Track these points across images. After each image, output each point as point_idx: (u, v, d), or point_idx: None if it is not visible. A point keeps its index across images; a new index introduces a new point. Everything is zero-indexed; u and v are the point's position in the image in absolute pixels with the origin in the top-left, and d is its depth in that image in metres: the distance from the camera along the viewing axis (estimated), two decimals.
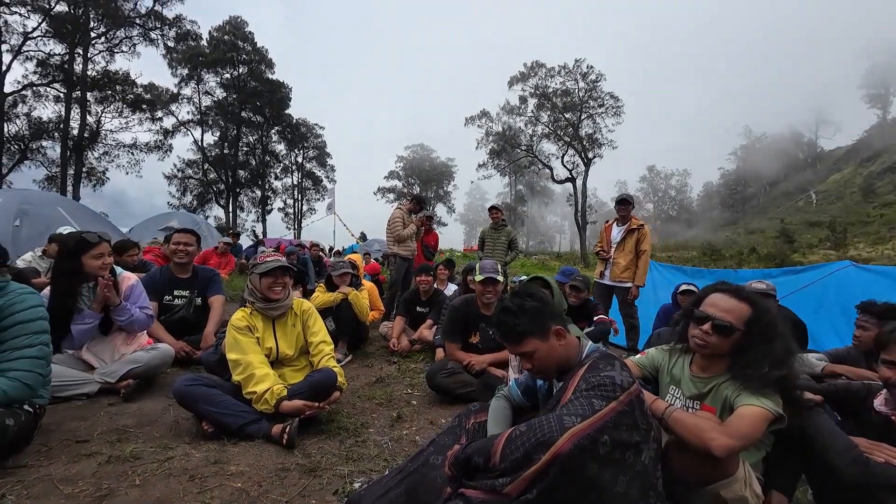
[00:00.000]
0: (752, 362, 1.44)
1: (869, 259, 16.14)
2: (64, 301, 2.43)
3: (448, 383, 2.82)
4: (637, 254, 4.53)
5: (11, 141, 21.97)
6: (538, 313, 1.48)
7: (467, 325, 3.13)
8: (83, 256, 2.45)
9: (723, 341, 1.51)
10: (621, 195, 4.82)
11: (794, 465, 1.57)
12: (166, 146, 28.38)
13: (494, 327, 1.59)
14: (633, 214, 4.74)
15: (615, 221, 4.82)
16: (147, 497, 1.54)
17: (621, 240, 4.63)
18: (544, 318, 1.48)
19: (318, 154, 39.06)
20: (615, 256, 4.65)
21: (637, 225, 4.61)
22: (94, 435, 2.04)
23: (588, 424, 1.13)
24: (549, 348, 1.46)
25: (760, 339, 1.46)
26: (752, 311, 1.50)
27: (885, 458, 1.42)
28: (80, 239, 2.47)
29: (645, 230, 4.60)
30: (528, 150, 32.09)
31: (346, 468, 1.84)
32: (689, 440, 1.31)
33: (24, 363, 1.73)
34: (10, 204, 6.93)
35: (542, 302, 1.52)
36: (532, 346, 1.45)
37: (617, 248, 4.65)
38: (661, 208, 63.94)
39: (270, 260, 2.33)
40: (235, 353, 2.19)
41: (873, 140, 46.87)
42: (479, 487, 1.16)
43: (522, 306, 1.48)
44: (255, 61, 32.55)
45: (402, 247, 5.28)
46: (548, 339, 1.47)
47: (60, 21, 21.71)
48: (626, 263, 4.54)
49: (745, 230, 37.42)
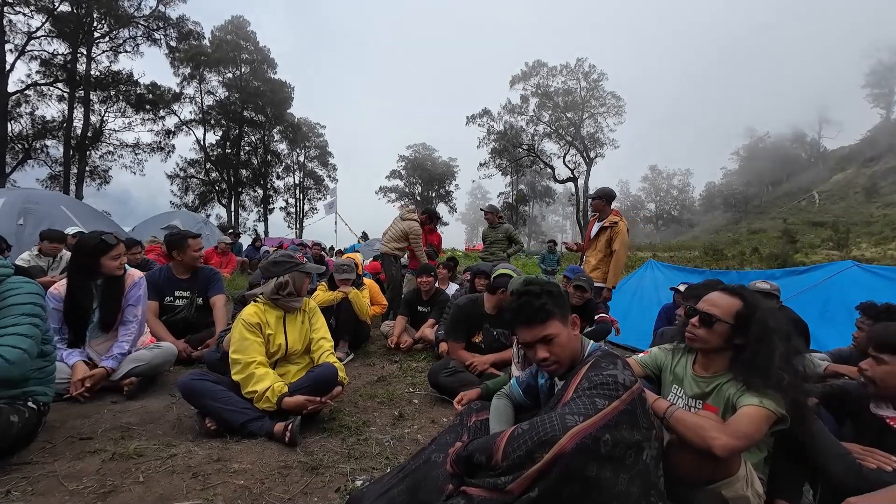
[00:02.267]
0: (751, 361, 1.44)
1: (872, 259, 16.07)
2: (80, 299, 2.48)
3: (450, 382, 2.83)
4: (609, 253, 4.18)
5: (15, 140, 22.04)
6: (560, 297, 1.48)
7: (471, 325, 3.13)
8: (102, 258, 2.52)
9: (710, 334, 1.53)
10: (596, 190, 4.52)
11: (798, 473, 1.57)
12: (169, 146, 28.45)
13: (516, 309, 1.46)
14: (614, 209, 4.36)
15: (596, 218, 4.49)
16: (150, 494, 1.55)
17: (594, 237, 4.32)
18: (566, 302, 1.48)
19: (320, 153, 39.14)
20: (587, 255, 4.40)
21: (611, 222, 4.20)
22: (97, 432, 2.05)
23: (590, 424, 1.13)
24: (568, 335, 1.45)
25: (756, 336, 1.45)
26: (742, 305, 1.51)
27: (877, 463, 1.43)
28: (101, 241, 2.53)
29: (618, 228, 4.16)
30: (529, 149, 32.06)
31: (348, 466, 1.84)
32: (690, 440, 1.31)
33: (7, 339, 1.69)
34: (14, 203, 6.96)
35: (559, 289, 1.52)
36: (555, 330, 1.43)
37: (590, 246, 4.39)
38: (662, 208, 63.75)
39: (311, 266, 2.57)
40: (237, 353, 2.20)
41: (877, 140, 46.68)
42: (481, 485, 1.16)
43: (547, 288, 1.47)
44: (257, 61, 32.65)
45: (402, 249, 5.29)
46: (567, 326, 1.46)
47: (64, 21, 21.79)
48: (596, 263, 4.24)
49: (747, 230, 37.28)
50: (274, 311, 2.39)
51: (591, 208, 4.52)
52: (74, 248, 2.62)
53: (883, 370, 1.54)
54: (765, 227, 36.51)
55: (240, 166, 32.65)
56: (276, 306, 2.40)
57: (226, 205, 32.03)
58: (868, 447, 1.50)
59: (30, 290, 1.84)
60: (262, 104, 32.63)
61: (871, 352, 1.60)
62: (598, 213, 4.39)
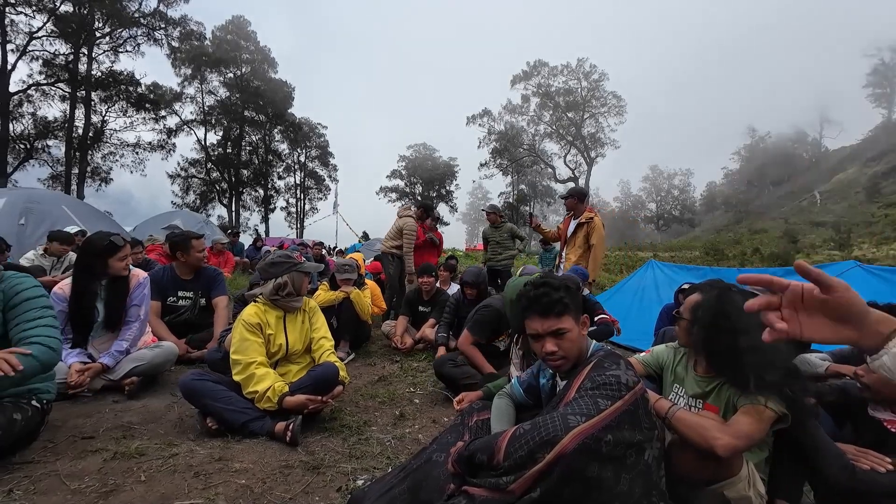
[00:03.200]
0: (720, 359, 1.46)
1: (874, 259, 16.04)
2: (85, 299, 2.50)
3: (456, 374, 2.85)
4: (587, 248, 4.34)
5: (17, 140, 22.11)
6: (576, 294, 1.49)
7: (500, 327, 3.07)
8: (110, 259, 2.56)
9: (679, 331, 1.61)
10: (567, 190, 4.69)
11: (799, 472, 1.57)
12: (170, 145, 28.54)
13: (533, 299, 1.46)
14: (588, 206, 4.53)
15: (571, 216, 4.67)
16: (152, 493, 1.56)
17: (572, 234, 4.49)
18: (580, 300, 1.49)
19: (321, 153, 39.18)
20: (566, 252, 4.53)
21: (586, 218, 4.39)
22: (99, 431, 2.05)
23: (592, 424, 1.12)
24: (577, 333, 1.46)
25: (715, 331, 1.44)
26: (699, 298, 1.54)
27: (871, 464, 1.44)
28: (109, 242, 2.56)
29: (594, 223, 4.34)
30: (530, 149, 32.05)
31: (349, 465, 1.84)
32: (692, 440, 1.31)
33: (43, 330, 1.76)
34: (16, 203, 6.97)
35: (577, 285, 1.55)
36: (569, 325, 1.43)
37: (568, 244, 4.52)
38: (663, 208, 63.66)
39: (310, 265, 2.56)
40: (237, 353, 2.20)
41: (878, 140, 46.57)
42: (482, 485, 1.16)
43: (564, 283, 1.48)
44: (257, 60, 32.71)
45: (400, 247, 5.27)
46: (578, 324, 1.47)
47: (66, 21, 21.85)
48: (576, 259, 4.37)
49: (748, 230, 37.22)
50: (274, 311, 2.39)
51: (565, 207, 4.70)
52: (81, 249, 2.63)
53: (876, 378, 1.56)
54: (766, 227, 36.42)
55: (241, 166, 32.70)
56: (276, 306, 2.41)
57: (227, 205, 32.08)
58: (864, 448, 1.51)
59: (33, 283, 1.88)
60: (263, 104, 32.69)
61: (867, 359, 1.60)
62: (573, 212, 4.58)
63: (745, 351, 1.36)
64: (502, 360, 3.03)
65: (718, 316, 1.44)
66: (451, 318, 3.77)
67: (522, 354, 2.31)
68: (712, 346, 1.47)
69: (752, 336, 1.36)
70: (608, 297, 6.50)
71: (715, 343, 1.45)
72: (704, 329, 1.47)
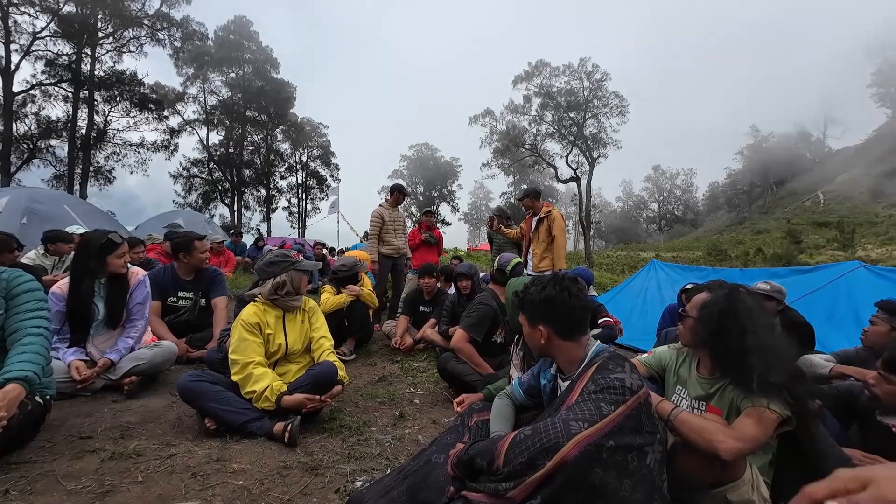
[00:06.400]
0: (719, 357, 1.45)
1: (878, 260, 15.94)
2: (83, 297, 2.49)
3: (460, 370, 2.86)
4: (551, 241, 4.58)
5: (20, 140, 22.17)
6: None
7: (496, 321, 3.10)
8: (108, 256, 2.55)
9: (683, 331, 1.61)
10: (522, 191, 4.92)
11: (802, 477, 1.54)
12: (172, 145, 28.50)
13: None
14: (544, 202, 4.79)
15: (531, 215, 4.87)
16: (149, 494, 1.54)
17: (534, 230, 4.71)
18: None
19: (323, 153, 39.16)
20: (532, 247, 4.73)
21: (545, 213, 4.65)
22: (97, 431, 2.04)
23: (595, 431, 1.10)
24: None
25: (722, 330, 1.42)
26: (707, 297, 1.52)
27: None
28: (107, 239, 2.55)
29: (553, 216, 4.61)
30: (532, 149, 31.94)
31: (348, 467, 1.83)
32: (695, 442, 1.29)
33: (38, 321, 1.82)
34: (19, 202, 6.99)
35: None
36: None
37: (533, 240, 4.74)
38: (666, 208, 63.46)
39: (308, 263, 2.55)
40: (235, 353, 2.19)
41: (883, 139, 46.29)
42: (482, 490, 1.14)
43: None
44: (259, 61, 32.71)
45: (385, 245, 5.23)
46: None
47: (69, 21, 21.89)
48: (542, 252, 4.61)
49: (751, 230, 37.06)
50: (273, 311, 2.38)
51: (522, 208, 4.93)
52: (79, 246, 2.62)
53: (888, 389, 1.55)
54: (769, 227, 36.28)
55: (243, 166, 32.70)
56: (275, 306, 2.39)
57: (229, 204, 32.12)
58: (870, 454, 1.49)
59: (29, 276, 1.90)
60: (265, 104, 32.68)
61: (880, 369, 1.59)
62: (532, 210, 4.80)
63: (751, 351, 1.34)
64: (501, 355, 3.03)
65: (726, 314, 1.42)
66: (450, 318, 3.76)
67: (523, 356, 2.29)
68: (718, 346, 1.45)
69: (759, 336, 1.35)
70: (611, 298, 6.47)
71: (721, 342, 1.43)
72: (711, 328, 1.45)
